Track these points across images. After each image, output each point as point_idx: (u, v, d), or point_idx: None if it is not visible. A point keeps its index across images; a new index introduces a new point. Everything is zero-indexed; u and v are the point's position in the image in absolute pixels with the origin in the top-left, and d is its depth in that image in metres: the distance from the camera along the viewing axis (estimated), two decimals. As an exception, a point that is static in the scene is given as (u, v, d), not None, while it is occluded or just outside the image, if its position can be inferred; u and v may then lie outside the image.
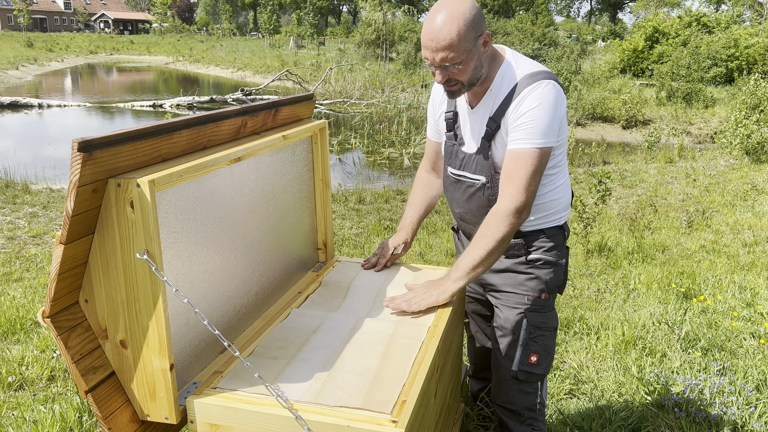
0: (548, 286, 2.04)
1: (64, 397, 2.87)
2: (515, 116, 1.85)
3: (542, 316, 2.04)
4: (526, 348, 2.03)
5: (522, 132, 1.84)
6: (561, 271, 2.07)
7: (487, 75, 1.90)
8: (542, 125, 1.82)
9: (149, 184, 1.30)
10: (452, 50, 1.76)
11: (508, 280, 2.07)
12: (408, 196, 7.96)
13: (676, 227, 6.33)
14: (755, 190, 8.00)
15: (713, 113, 15.80)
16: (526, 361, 2.03)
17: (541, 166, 1.85)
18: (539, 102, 1.82)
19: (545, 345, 2.06)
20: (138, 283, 1.36)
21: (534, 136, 1.83)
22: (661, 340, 3.52)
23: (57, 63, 34.45)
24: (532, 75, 1.86)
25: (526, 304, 2.04)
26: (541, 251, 2.03)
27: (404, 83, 20.16)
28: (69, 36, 56.56)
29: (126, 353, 1.43)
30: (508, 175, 1.85)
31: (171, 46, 48.10)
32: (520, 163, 1.84)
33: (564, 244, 2.08)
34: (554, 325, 2.09)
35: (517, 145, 1.85)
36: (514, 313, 2.05)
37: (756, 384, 3.01)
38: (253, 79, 26.96)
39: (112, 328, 1.42)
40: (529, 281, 2.04)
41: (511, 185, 1.84)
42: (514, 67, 1.90)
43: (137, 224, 1.32)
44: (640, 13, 57.94)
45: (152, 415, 1.47)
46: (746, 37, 22.67)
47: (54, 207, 6.62)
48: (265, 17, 72.56)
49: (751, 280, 4.58)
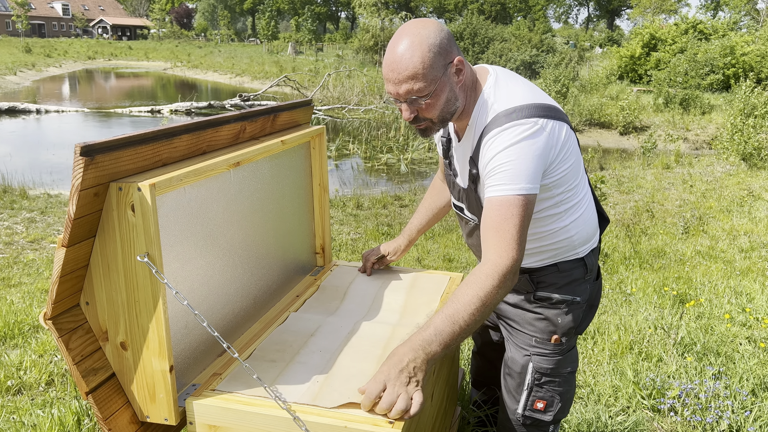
0: (560, 328, 1.80)
1: (62, 401, 2.88)
2: (485, 161, 1.59)
3: (551, 362, 1.81)
4: (531, 393, 1.83)
5: (498, 177, 1.56)
6: (578, 310, 1.81)
7: (466, 107, 1.67)
8: (521, 168, 1.54)
9: (150, 188, 1.32)
10: (417, 80, 1.53)
11: (516, 317, 1.87)
12: (406, 202, 7.90)
13: (673, 233, 6.35)
14: (752, 196, 8.04)
15: (710, 120, 15.88)
16: (532, 407, 1.84)
17: (528, 216, 1.55)
18: (511, 143, 1.54)
19: (555, 392, 1.83)
20: (138, 286, 1.38)
21: (514, 180, 1.54)
22: (657, 344, 3.54)
23: (55, 68, 34.50)
24: (508, 114, 1.58)
25: (533, 346, 1.83)
26: (552, 289, 1.79)
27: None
28: (67, 42, 56.67)
29: (126, 355, 1.45)
30: (494, 227, 1.54)
31: (169, 51, 48.21)
32: (504, 214, 1.53)
33: (584, 278, 1.81)
34: (569, 369, 1.84)
35: (496, 192, 1.55)
36: (521, 355, 1.85)
37: (751, 388, 3.03)
38: (251, 84, 27.03)
39: (113, 330, 1.44)
40: (537, 321, 1.81)
41: (499, 239, 1.53)
42: (489, 102, 1.63)
43: (138, 227, 1.34)
44: (637, 20, 58.25)
45: (152, 416, 1.48)
46: (742, 44, 22.81)
47: (52, 212, 6.63)
48: (263, 23, 72.79)
49: (747, 285, 4.61)
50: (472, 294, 1.49)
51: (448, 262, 5.24)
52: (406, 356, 1.43)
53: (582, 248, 1.80)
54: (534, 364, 1.82)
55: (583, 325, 1.85)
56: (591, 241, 1.83)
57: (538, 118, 1.57)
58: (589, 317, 1.87)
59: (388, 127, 14.58)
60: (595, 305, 1.89)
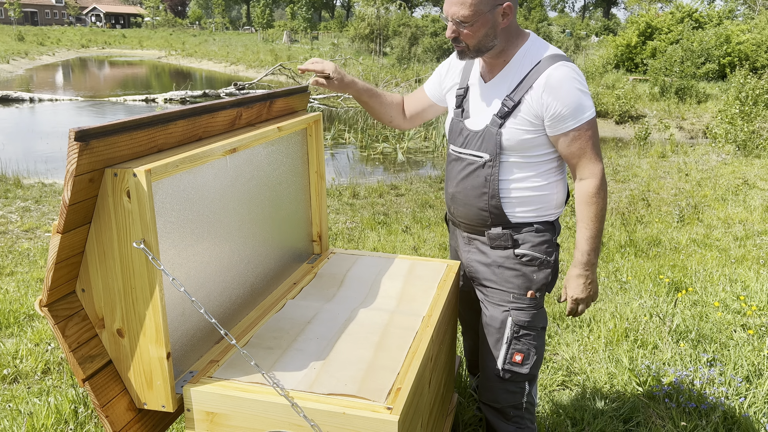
0: (535, 284, 2.01)
1: (58, 389, 2.87)
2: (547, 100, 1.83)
3: (528, 315, 2.01)
4: (510, 347, 2.01)
5: (567, 114, 1.84)
6: (550, 268, 2.03)
7: (505, 49, 1.89)
8: (582, 100, 1.84)
9: (146, 174, 1.31)
10: (464, 7, 1.76)
11: (493, 276, 2.03)
12: (402, 191, 7.85)
13: (668, 221, 6.37)
14: (746, 184, 8.06)
15: (705, 108, 15.88)
16: (510, 360, 2.01)
17: (597, 133, 1.90)
18: (568, 80, 1.83)
19: (531, 345, 2.02)
20: (135, 273, 1.37)
21: (581, 112, 1.84)
22: (653, 332, 3.56)
23: (48, 57, 34.21)
24: (555, 56, 1.87)
25: (511, 302, 2.01)
26: (529, 246, 1.99)
27: (398, 78, 20.15)
28: (60, 30, 56.18)
29: (123, 342, 1.44)
30: (577, 154, 1.88)
31: (163, 40, 47.85)
32: (582, 141, 1.86)
33: (554, 240, 2.05)
34: (542, 324, 2.05)
35: (572, 126, 1.85)
36: (500, 311, 2.03)
37: (746, 375, 3.05)
38: (246, 73, 26.87)
39: (109, 318, 1.43)
40: (515, 278, 2.01)
41: (584, 161, 1.88)
42: (537, 47, 1.90)
43: (134, 214, 1.33)
44: (633, 9, 58.07)
45: (149, 403, 1.48)
46: (738, 33, 22.77)
47: (46, 201, 6.60)
48: (258, 11, 72.28)
49: (741, 273, 4.63)
50: (593, 211, 1.90)
51: (444, 250, 5.25)
52: (581, 277, 1.96)
53: (556, 211, 2.03)
54: (513, 318, 2.01)
55: (552, 284, 2.06)
56: (562, 206, 2.08)
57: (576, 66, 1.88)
58: (555, 278, 2.08)
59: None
60: (557, 268, 2.10)
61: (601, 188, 1.89)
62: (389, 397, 1.44)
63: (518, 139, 1.89)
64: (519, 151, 1.91)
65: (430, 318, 1.86)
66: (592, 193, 1.89)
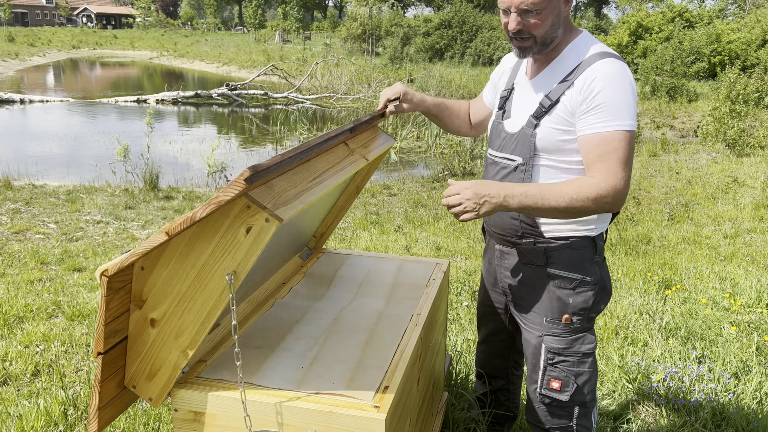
0: (571, 307, 1.80)
1: (48, 391, 2.86)
2: (586, 94, 1.64)
3: (563, 341, 1.81)
4: (545, 373, 1.84)
5: (602, 114, 1.62)
6: (591, 291, 1.79)
7: (558, 44, 1.73)
8: (623, 104, 1.62)
9: (276, 225, 1.25)
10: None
11: (526, 295, 1.87)
12: (395, 191, 7.84)
13: (659, 220, 6.40)
14: (736, 182, 8.11)
15: (696, 107, 15.97)
16: (548, 386, 1.85)
17: (632, 151, 1.62)
18: (614, 79, 1.63)
19: (570, 372, 1.82)
20: (205, 290, 1.35)
21: (618, 116, 1.61)
22: (643, 329, 3.58)
23: (39, 58, 34.02)
24: (605, 53, 1.68)
25: (544, 325, 1.83)
26: (563, 265, 1.78)
27: (391, 78, 20.15)
28: (51, 30, 55.88)
29: (150, 331, 1.43)
30: (597, 160, 1.63)
31: (155, 40, 47.69)
32: (609, 148, 1.61)
33: (593, 259, 1.80)
34: (583, 350, 1.82)
35: (599, 128, 1.63)
36: (534, 336, 1.86)
37: (734, 371, 3.07)
38: (238, 74, 26.81)
39: (151, 305, 1.41)
40: (548, 300, 1.82)
41: (603, 168, 1.62)
42: (587, 42, 1.73)
43: (241, 248, 1.29)
44: (625, 8, 58.31)
45: (139, 389, 1.48)
46: (728, 32, 22.91)
47: (36, 203, 6.56)
48: (250, 12, 72.13)
49: (731, 270, 4.66)
50: (569, 192, 1.62)
51: (437, 250, 5.26)
52: (490, 190, 1.62)
53: (596, 226, 1.80)
54: (546, 344, 1.82)
55: (596, 307, 1.82)
56: (605, 222, 1.83)
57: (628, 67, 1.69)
58: (603, 299, 1.85)
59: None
60: (607, 288, 1.86)
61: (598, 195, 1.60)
62: (377, 395, 1.44)
63: (553, 140, 1.71)
64: (554, 153, 1.73)
65: (419, 317, 1.86)
66: (589, 185, 1.61)
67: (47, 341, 3.40)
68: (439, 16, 30.84)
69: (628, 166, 1.62)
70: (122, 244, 5.33)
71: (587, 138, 1.65)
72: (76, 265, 4.71)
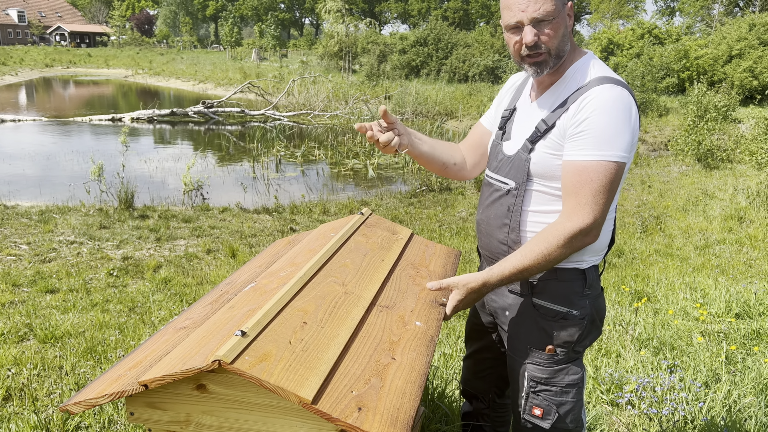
0: (555, 339, 1.74)
1: (20, 416, 2.81)
2: (575, 120, 1.60)
3: (545, 371, 1.77)
4: (528, 399, 1.80)
5: (583, 141, 1.58)
6: (576, 326, 1.73)
7: (562, 64, 1.68)
8: (610, 133, 1.55)
9: None
10: (547, 1, 1.56)
11: (512, 321, 1.83)
12: (373, 207, 7.85)
13: (631, 232, 6.52)
14: (706, 195, 8.31)
15: (667, 122, 16.34)
16: (530, 412, 1.81)
17: (612, 184, 1.58)
18: (606, 105, 1.56)
19: (552, 401, 1.78)
20: None
21: (600, 146, 1.56)
22: (616, 341, 3.64)
23: (11, 77, 33.58)
24: (607, 77, 1.62)
25: (527, 353, 1.79)
26: (548, 297, 1.74)
27: (367, 95, 20.30)
28: (23, 49, 55.23)
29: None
30: (571, 191, 1.60)
31: (130, 58, 47.40)
32: (583, 178, 1.57)
33: (582, 292, 1.73)
34: (567, 381, 1.77)
35: (578, 156, 1.58)
36: (518, 362, 1.83)
37: (704, 380, 3.14)
38: (215, 91, 26.76)
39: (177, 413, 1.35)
40: (533, 329, 1.77)
41: (573, 202, 1.59)
42: (589, 66, 1.67)
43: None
44: (597, 25, 59.57)
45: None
46: (696, 48, 23.54)
47: (8, 224, 6.46)
48: (226, 29, 72.16)
49: (701, 281, 4.76)
50: (538, 248, 1.60)
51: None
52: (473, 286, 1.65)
53: (587, 258, 1.74)
54: (529, 372, 1.79)
55: (582, 342, 1.76)
56: (598, 254, 1.77)
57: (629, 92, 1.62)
58: (592, 334, 1.79)
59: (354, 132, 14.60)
60: (597, 323, 1.79)
61: (566, 239, 1.57)
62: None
63: (548, 165, 1.66)
64: (547, 180, 1.68)
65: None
66: (559, 237, 1.58)
67: (19, 365, 3.35)
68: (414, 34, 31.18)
69: (602, 198, 1.57)
70: (96, 265, 5.27)
71: (566, 165, 1.62)
72: (48, 286, 4.64)
